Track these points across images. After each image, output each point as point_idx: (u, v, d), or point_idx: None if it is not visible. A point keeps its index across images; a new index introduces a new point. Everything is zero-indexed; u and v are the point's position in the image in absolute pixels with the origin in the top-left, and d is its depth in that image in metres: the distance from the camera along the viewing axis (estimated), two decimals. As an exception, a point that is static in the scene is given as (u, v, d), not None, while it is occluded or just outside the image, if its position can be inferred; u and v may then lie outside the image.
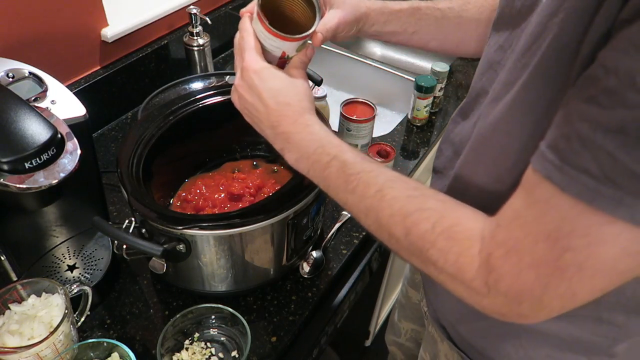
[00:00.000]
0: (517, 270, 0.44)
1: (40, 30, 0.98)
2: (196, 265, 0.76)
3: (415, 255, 0.52)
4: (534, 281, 0.43)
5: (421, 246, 0.51)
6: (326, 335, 0.88)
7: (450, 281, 0.50)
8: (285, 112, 0.62)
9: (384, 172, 0.56)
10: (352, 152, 0.59)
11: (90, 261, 0.85)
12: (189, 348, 0.76)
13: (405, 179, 0.56)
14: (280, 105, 0.62)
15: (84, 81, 1.09)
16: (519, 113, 0.51)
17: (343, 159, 0.58)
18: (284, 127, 0.62)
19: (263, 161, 1.00)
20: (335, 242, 0.94)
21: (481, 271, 0.46)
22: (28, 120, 0.62)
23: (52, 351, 0.67)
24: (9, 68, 0.75)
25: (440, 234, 0.49)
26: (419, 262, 0.52)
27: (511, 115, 0.52)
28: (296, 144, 0.61)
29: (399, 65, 1.58)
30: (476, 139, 0.60)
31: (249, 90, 0.63)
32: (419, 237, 0.51)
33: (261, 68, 0.63)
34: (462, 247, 0.48)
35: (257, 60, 0.64)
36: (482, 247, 0.47)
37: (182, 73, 1.18)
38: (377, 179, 0.55)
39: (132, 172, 0.77)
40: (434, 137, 1.20)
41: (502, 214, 0.47)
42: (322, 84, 0.99)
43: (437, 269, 0.50)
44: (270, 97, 0.62)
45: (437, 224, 0.50)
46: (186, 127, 0.88)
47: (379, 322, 1.63)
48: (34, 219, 0.82)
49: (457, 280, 0.49)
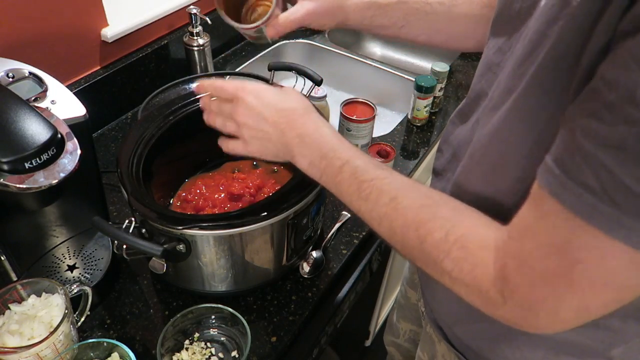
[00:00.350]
0: (531, 282, 0.44)
1: (40, 30, 0.98)
2: (196, 265, 0.76)
3: (430, 266, 0.52)
4: (547, 293, 0.43)
5: (435, 256, 0.51)
6: (326, 335, 0.88)
7: (465, 291, 0.50)
8: (292, 116, 0.62)
9: (397, 179, 0.56)
10: (364, 158, 0.58)
11: (90, 261, 0.85)
12: (189, 348, 0.76)
13: (418, 186, 0.56)
14: (285, 112, 0.62)
15: (84, 81, 1.09)
16: (518, 122, 0.51)
17: (355, 165, 0.58)
18: (294, 131, 0.61)
19: (263, 161, 1.01)
20: (335, 242, 0.94)
21: (497, 282, 0.46)
22: (28, 120, 0.62)
23: (52, 351, 0.67)
24: (9, 68, 0.75)
25: (454, 243, 0.49)
26: (434, 273, 0.52)
27: (510, 124, 0.52)
28: (308, 147, 0.61)
29: (399, 65, 1.58)
30: (475, 147, 0.59)
31: (250, 114, 0.63)
32: (433, 247, 0.51)
33: (254, 87, 0.63)
34: (476, 257, 0.48)
35: (244, 83, 0.64)
36: (497, 257, 0.47)
37: (182, 73, 1.18)
38: (391, 186, 0.55)
39: (132, 172, 0.77)
40: (434, 137, 1.20)
41: (514, 225, 0.47)
42: (322, 84, 0.99)
43: (451, 279, 0.50)
44: (272, 111, 0.62)
45: (450, 233, 0.50)
46: (186, 127, 0.88)
47: (379, 322, 1.63)
48: (34, 219, 0.82)
49: (473, 290, 0.49)
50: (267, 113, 0.62)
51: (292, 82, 0.98)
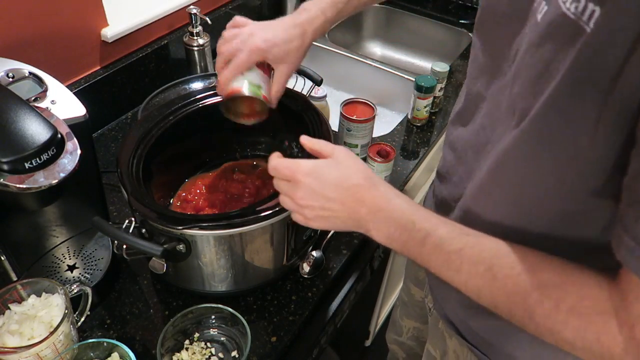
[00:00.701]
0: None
1: (40, 30, 0.98)
2: (196, 265, 0.76)
3: (546, 335, 0.50)
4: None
5: (551, 327, 0.49)
6: (326, 335, 0.88)
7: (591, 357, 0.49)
8: (359, 192, 0.59)
9: (485, 245, 0.54)
10: (446, 225, 0.56)
11: (90, 261, 0.85)
12: (189, 348, 0.76)
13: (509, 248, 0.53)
14: (352, 190, 0.59)
15: (84, 81, 1.09)
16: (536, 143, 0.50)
17: (439, 235, 0.55)
18: (365, 207, 0.59)
19: (263, 161, 1.00)
20: (335, 242, 0.94)
21: (630, 347, 0.45)
22: (28, 120, 0.62)
23: (52, 351, 0.67)
24: (9, 68, 0.75)
25: (569, 313, 0.48)
26: (552, 341, 0.50)
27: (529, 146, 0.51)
28: (383, 222, 0.59)
29: (399, 65, 1.58)
30: (491, 167, 0.58)
31: (312, 196, 0.60)
32: (545, 318, 0.49)
33: (310, 168, 0.60)
34: (598, 325, 0.47)
35: (299, 164, 0.61)
36: (620, 322, 0.45)
37: (182, 73, 1.18)
38: (482, 255, 0.53)
39: (132, 172, 0.77)
40: (434, 137, 1.20)
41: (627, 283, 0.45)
42: (322, 84, 0.99)
43: (574, 348, 0.49)
44: (337, 191, 0.59)
45: (562, 302, 0.48)
46: (186, 127, 0.88)
47: (379, 322, 1.63)
48: (34, 219, 0.82)
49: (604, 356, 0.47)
50: (332, 194, 0.59)
51: (292, 82, 0.98)
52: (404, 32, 1.68)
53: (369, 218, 0.59)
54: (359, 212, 0.59)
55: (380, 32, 1.73)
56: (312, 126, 0.84)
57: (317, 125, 0.84)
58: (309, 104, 0.89)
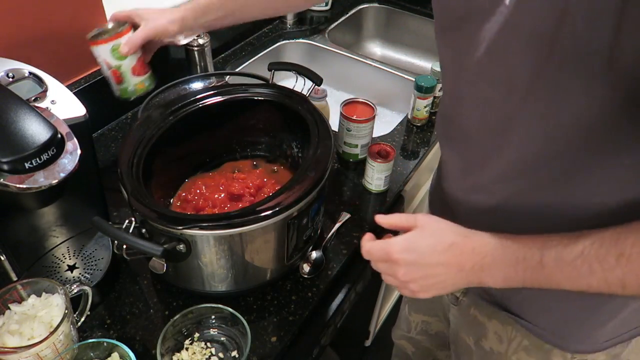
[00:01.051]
0: None
1: (40, 30, 0.98)
2: (196, 265, 0.76)
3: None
4: None
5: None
6: (326, 335, 0.88)
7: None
8: (457, 250, 0.60)
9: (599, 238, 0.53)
10: (553, 239, 0.56)
11: (90, 261, 0.85)
12: (189, 348, 0.76)
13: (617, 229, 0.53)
14: (450, 250, 0.60)
15: (84, 81, 1.09)
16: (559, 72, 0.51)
17: (553, 253, 0.55)
18: (470, 262, 0.59)
19: (263, 161, 1.01)
20: (335, 242, 0.94)
21: None
22: (28, 120, 0.62)
23: (52, 351, 0.67)
24: (9, 68, 0.75)
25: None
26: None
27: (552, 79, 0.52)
28: (494, 267, 0.59)
29: (399, 65, 1.58)
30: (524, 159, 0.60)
31: (414, 270, 0.60)
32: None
33: (403, 244, 0.61)
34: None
35: (390, 244, 0.61)
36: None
37: (182, 73, 1.17)
38: (603, 248, 0.52)
39: (132, 172, 0.77)
40: (434, 137, 1.19)
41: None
42: (322, 84, 0.99)
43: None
44: (437, 257, 0.60)
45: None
46: (186, 127, 0.88)
47: (379, 322, 1.63)
48: (34, 219, 0.82)
49: None
50: (432, 260, 0.60)
51: (292, 82, 0.98)
52: (404, 32, 1.68)
53: (477, 269, 0.59)
54: (465, 269, 0.59)
55: (380, 32, 1.73)
56: (312, 126, 0.84)
57: (317, 125, 0.84)
58: (309, 104, 0.89)
